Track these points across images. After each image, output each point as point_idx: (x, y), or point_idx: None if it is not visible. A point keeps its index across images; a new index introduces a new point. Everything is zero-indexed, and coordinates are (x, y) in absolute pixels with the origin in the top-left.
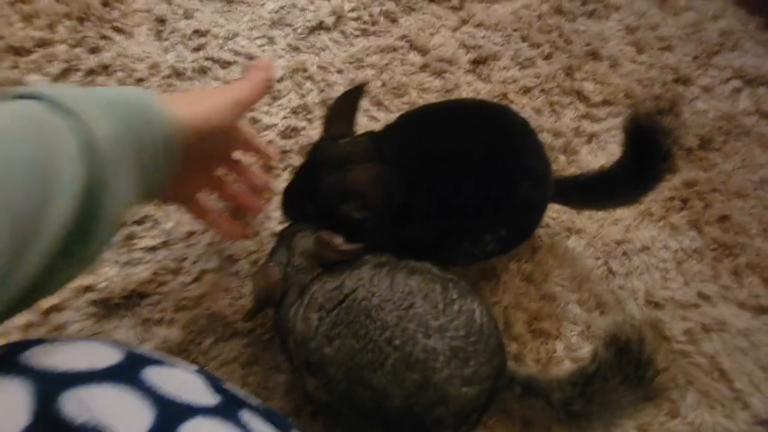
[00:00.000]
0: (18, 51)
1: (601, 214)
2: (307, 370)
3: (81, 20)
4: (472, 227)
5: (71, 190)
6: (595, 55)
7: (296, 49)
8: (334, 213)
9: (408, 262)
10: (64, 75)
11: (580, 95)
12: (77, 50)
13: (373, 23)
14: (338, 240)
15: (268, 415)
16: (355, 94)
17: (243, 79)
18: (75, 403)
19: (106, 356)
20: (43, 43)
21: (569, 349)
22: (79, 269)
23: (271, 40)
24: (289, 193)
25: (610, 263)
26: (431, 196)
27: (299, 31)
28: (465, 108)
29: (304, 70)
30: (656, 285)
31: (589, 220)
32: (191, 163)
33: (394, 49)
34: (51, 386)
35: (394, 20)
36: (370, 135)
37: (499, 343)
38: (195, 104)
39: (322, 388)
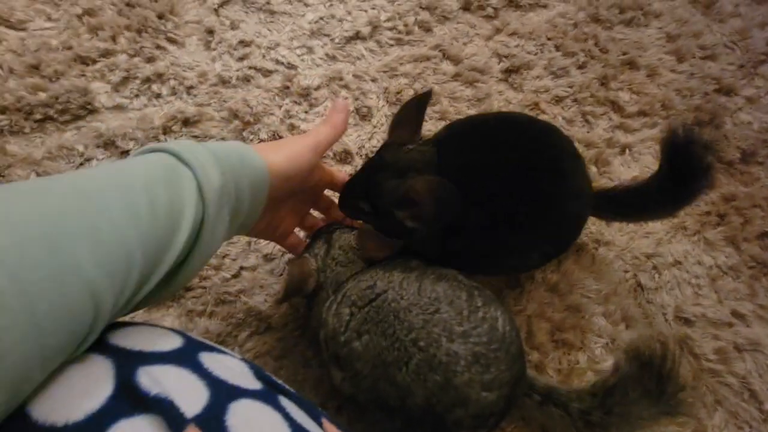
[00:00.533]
0: (84, 60)
1: (631, 226)
2: (335, 363)
3: (139, 32)
4: (517, 242)
5: (188, 229)
6: (632, 64)
7: (333, 58)
8: (389, 217)
9: (436, 268)
10: (123, 83)
11: (615, 105)
12: (135, 59)
13: (408, 33)
14: (378, 237)
15: (301, 403)
16: (422, 100)
17: (323, 122)
18: (147, 378)
19: (170, 340)
20: (106, 53)
21: (593, 361)
22: (170, 293)
23: (310, 50)
24: (348, 190)
25: (638, 277)
26: (480, 210)
27: (336, 40)
28: (514, 123)
29: (340, 79)
30: (687, 301)
31: (618, 232)
32: (278, 201)
33: (427, 59)
34: (128, 362)
35: (428, 30)
36: (434, 143)
37: (519, 352)
38: (280, 150)
39: (348, 380)
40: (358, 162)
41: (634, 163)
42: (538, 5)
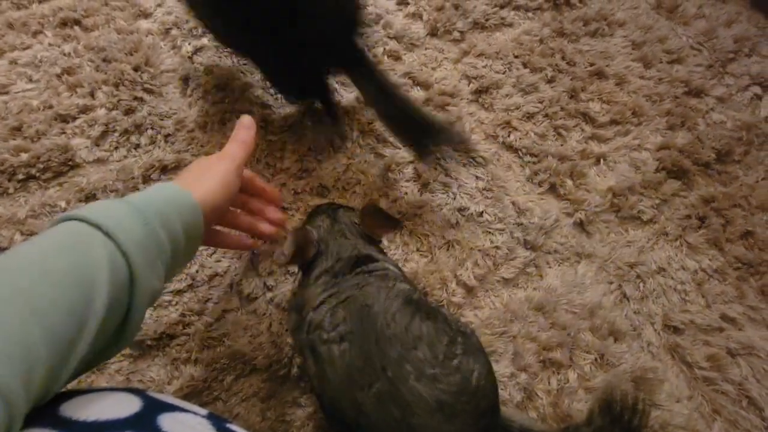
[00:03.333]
0: (65, 118)
1: (612, 236)
2: (311, 354)
3: (117, 85)
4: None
5: (105, 291)
6: (600, 75)
7: None
8: None
9: (432, 304)
10: (103, 136)
11: (586, 117)
12: (114, 113)
13: (378, 63)
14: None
15: None
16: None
17: (233, 140)
18: None
19: (127, 405)
20: (85, 109)
21: (583, 378)
22: (121, 347)
23: None
24: None
25: (623, 287)
26: None
27: None
28: None
29: (314, 113)
30: (675, 308)
31: (600, 243)
32: (210, 224)
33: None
34: None
35: (397, 58)
36: None
37: (491, 407)
38: (205, 180)
39: (317, 378)
40: (335, 195)
41: (610, 173)
42: (503, 24)
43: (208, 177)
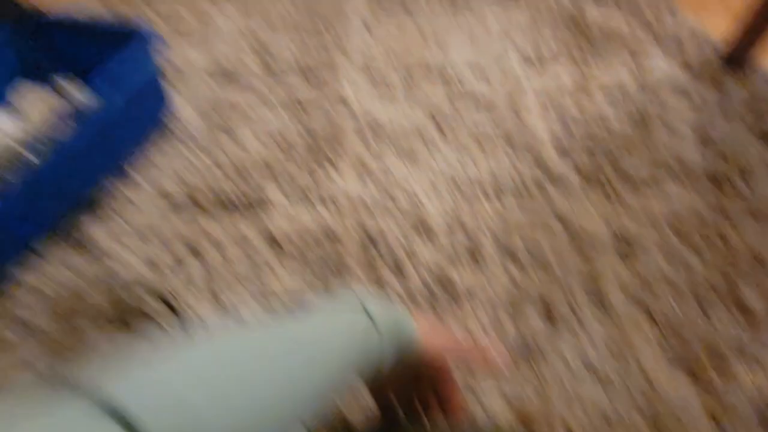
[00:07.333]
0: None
1: None
2: None
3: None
4: None
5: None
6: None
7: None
8: None
9: None
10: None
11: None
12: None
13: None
14: None
15: None
16: None
17: (478, 347)
18: None
19: None
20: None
21: None
22: None
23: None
24: None
25: None
26: None
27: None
28: None
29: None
30: None
31: None
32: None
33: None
34: None
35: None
36: None
37: None
38: (435, 338)
39: None
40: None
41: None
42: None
43: (439, 336)
